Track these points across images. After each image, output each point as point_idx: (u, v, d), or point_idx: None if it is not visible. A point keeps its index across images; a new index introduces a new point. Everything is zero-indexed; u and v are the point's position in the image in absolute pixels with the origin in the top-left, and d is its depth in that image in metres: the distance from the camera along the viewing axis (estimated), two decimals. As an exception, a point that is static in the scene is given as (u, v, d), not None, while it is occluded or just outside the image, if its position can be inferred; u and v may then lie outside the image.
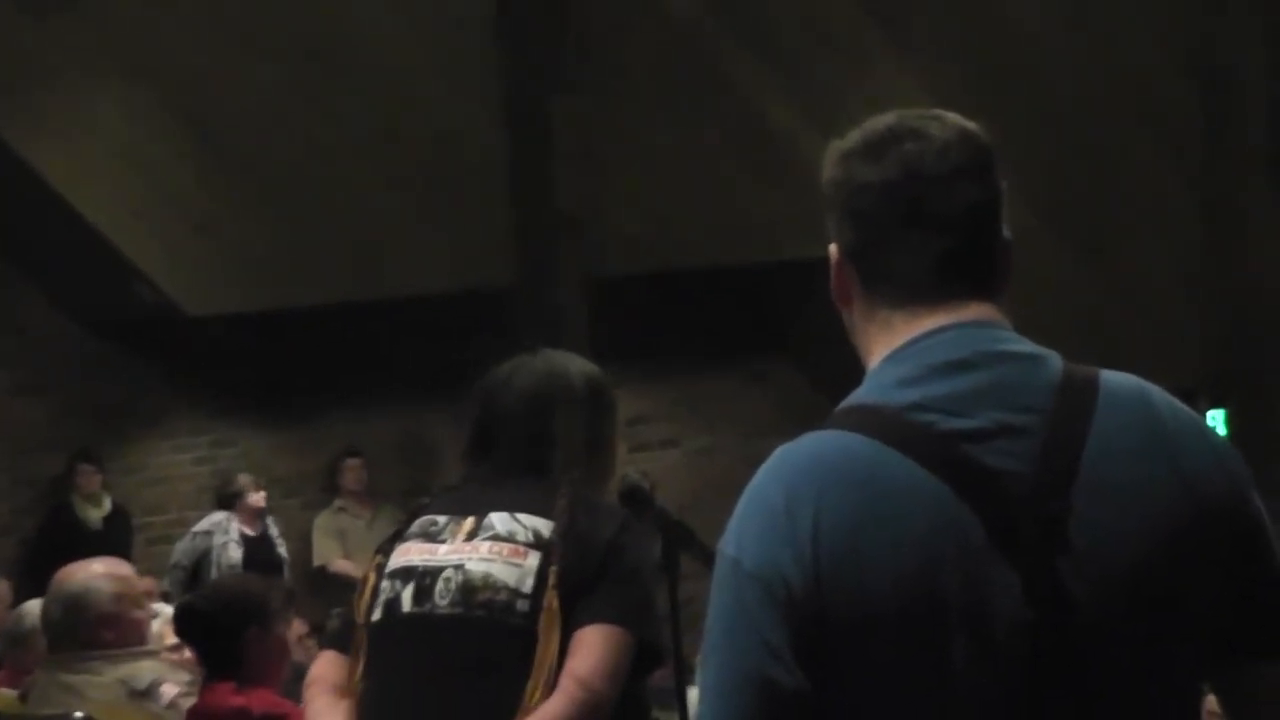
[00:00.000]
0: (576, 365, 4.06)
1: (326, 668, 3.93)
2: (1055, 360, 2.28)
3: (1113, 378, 2.29)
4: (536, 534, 3.78)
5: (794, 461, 2.24)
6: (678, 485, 11.01)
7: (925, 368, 2.25)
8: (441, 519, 3.89)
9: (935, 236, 2.29)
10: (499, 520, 3.82)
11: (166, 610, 6.78)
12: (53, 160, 11.74)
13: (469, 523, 3.84)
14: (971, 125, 2.35)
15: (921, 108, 2.38)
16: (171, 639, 6.06)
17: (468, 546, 3.80)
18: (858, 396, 2.29)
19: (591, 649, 3.68)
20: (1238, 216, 12.69)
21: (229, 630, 5.02)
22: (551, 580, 3.72)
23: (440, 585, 3.78)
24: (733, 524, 2.25)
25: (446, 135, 12.07)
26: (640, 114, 12.08)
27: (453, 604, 3.75)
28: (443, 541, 3.84)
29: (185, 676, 5.48)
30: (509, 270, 11.95)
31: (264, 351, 12.86)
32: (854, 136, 2.35)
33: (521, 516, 3.81)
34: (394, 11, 11.82)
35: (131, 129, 11.87)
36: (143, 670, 5.44)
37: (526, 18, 11.87)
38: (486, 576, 3.75)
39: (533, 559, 3.75)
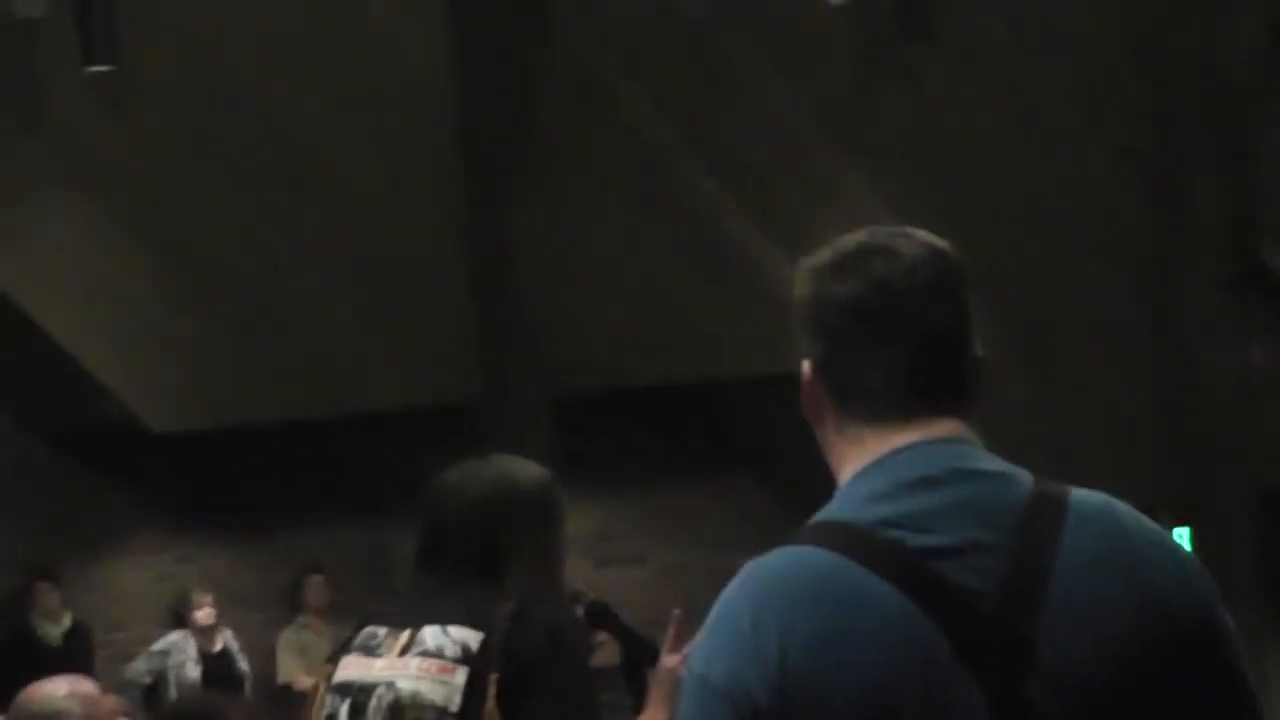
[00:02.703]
0: (526, 472, 4.02)
1: None
2: (1025, 478, 2.29)
3: (1082, 495, 2.29)
4: (465, 648, 3.74)
5: (761, 578, 2.24)
6: (644, 601, 10.97)
7: (895, 484, 2.26)
8: (381, 631, 3.86)
9: (905, 353, 2.31)
10: (430, 634, 3.79)
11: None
12: (14, 277, 11.75)
13: (404, 636, 3.81)
14: (941, 243, 2.38)
15: (882, 223, 2.41)
16: (134, 759, 5.99)
17: (399, 663, 3.78)
18: (828, 512, 2.29)
19: None
20: (1193, 329, 12.74)
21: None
22: (492, 690, 3.69)
23: (373, 703, 3.77)
24: (700, 640, 2.26)
25: (408, 251, 12.12)
26: (602, 230, 12.14)
27: None
28: (379, 656, 3.82)
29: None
30: (472, 385, 11.95)
31: (227, 467, 12.83)
32: (824, 253, 2.37)
33: (452, 630, 3.77)
34: (354, 128, 11.89)
35: (93, 246, 11.89)
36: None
37: (487, 134, 11.94)
38: (415, 695, 3.73)
39: (460, 675, 3.72)
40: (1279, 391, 12.59)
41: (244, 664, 12.54)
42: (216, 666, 12.27)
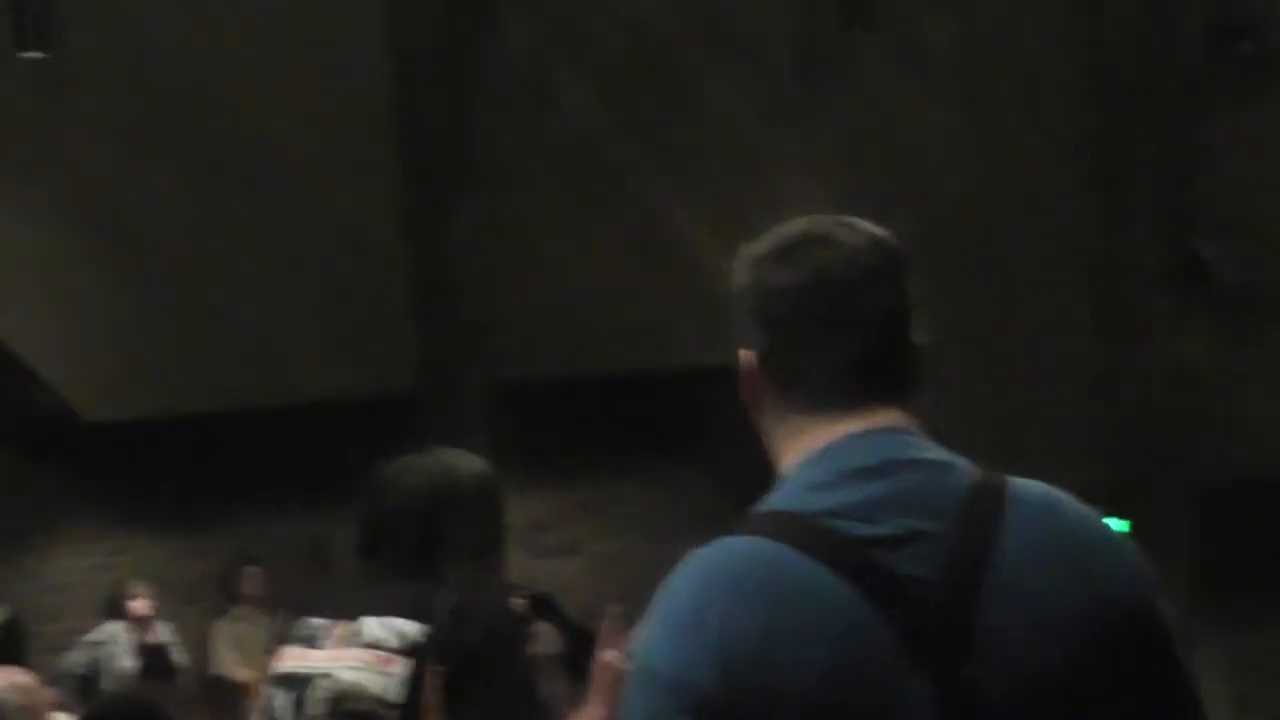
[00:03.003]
0: (465, 463, 4.02)
1: None
2: (965, 467, 2.30)
3: (1022, 485, 2.30)
4: (405, 639, 3.75)
5: (705, 568, 2.23)
6: (580, 591, 10.98)
7: (837, 473, 2.26)
8: (320, 622, 3.87)
9: (846, 342, 2.31)
10: (370, 625, 3.79)
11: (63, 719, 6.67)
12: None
13: (343, 627, 3.82)
14: (882, 232, 2.38)
15: (820, 214, 2.40)
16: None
17: (339, 653, 3.79)
18: (771, 502, 2.29)
19: None
20: (1132, 322, 12.82)
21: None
22: (434, 682, 3.70)
23: (311, 694, 3.77)
24: (644, 631, 2.25)
25: (348, 241, 12.08)
26: (541, 219, 12.13)
27: (324, 714, 3.75)
28: (318, 647, 3.82)
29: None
30: (411, 375, 11.93)
31: (163, 457, 12.77)
32: (765, 242, 2.37)
33: (393, 621, 3.77)
34: (297, 119, 11.84)
35: (29, 231, 11.81)
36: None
37: (432, 123, 11.91)
38: (355, 685, 3.74)
39: (400, 666, 3.72)
40: (1216, 384, 12.67)
41: (180, 655, 12.48)
42: (152, 658, 12.21)
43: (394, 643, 3.75)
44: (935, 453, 2.30)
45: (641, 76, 12.25)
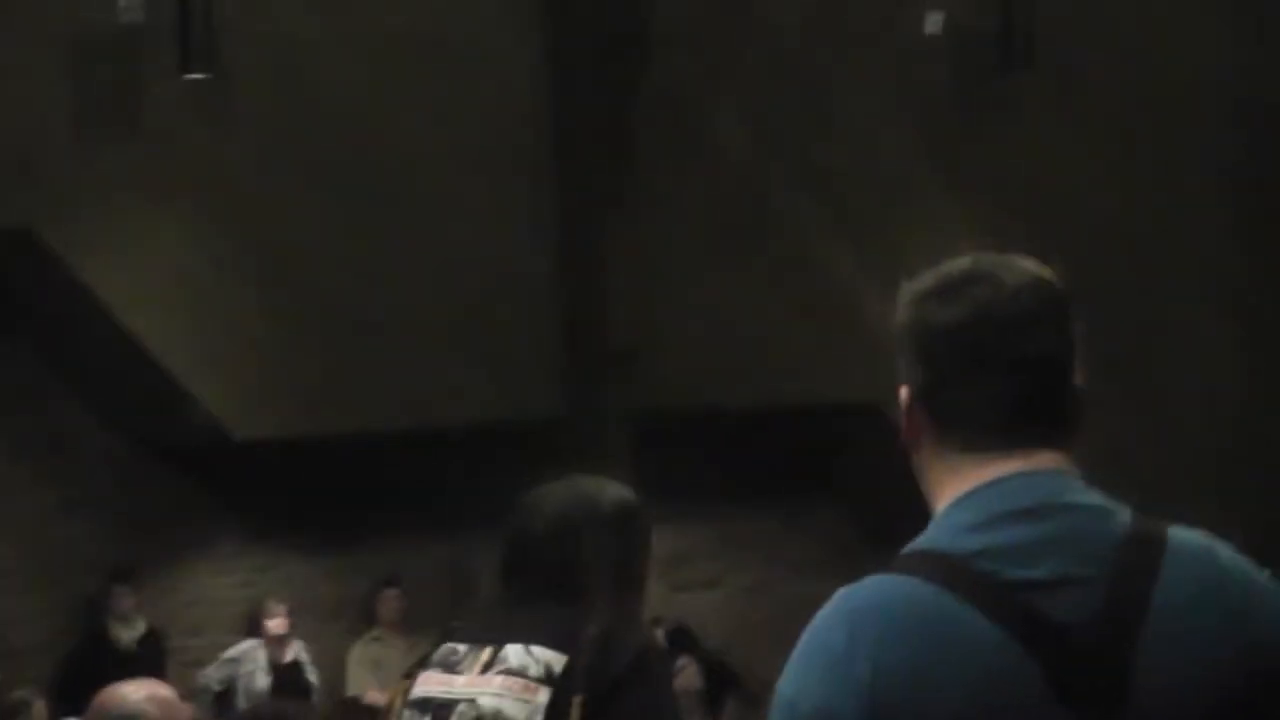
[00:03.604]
0: (607, 491, 4.00)
1: None
2: (1124, 513, 2.27)
3: (1181, 534, 2.27)
4: (548, 668, 3.74)
5: (855, 604, 2.22)
6: (718, 625, 10.95)
7: (992, 515, 2.24)
8: (462, 648, 3.86)
9: (1006, 382, 2.29)
10: (513, 653, 3.78)
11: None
12: (107, 280, 11.84)
13: (486, 653, 3.81)
14: (1046, 271, 2.36)
15: (981, 252, 2.38)
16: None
17: (482, 680, 3.78)
18: (923, 541, 2.27)
19: None
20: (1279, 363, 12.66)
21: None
22: (576, 713, 3.67)
23: (453, 719, 3.76)
24: (791, 664, 2.24)
25: (499, 269, 12.15)
26: (693, 253, 12.14)
27: None
28: (460, 672, 3.82)
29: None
30: (556, 403, 11.96)
31: (309, 477, 12.87)
32: (928, 278, 2.36)
33: (535, 649, 3.77)
34: (448, 142, 11.93)
35: (187, 252, 11.97)
36: (180, 795, 5.35)
37: (582, 152, 11.96)
38: (496, 712, 3.73)
39: (543, 695, 3.71)
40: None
41: (313, 675, 12.57)
42: (286, 677, 12.31)
43: (536, 670, 3.74)
44: (1093, 497, 2.28)
45: (796, 111, 12.24)
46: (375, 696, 12.66)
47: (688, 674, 9.82)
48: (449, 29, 11.93)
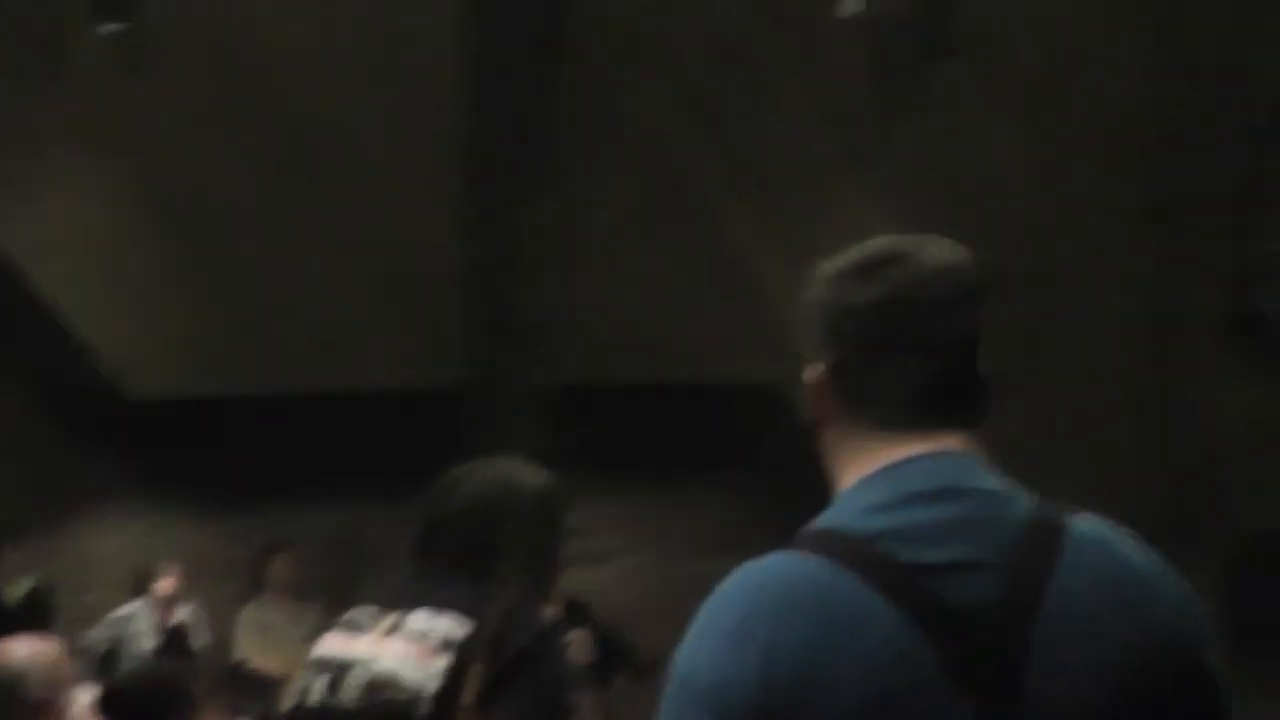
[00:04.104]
0: (529, 477, 4.06)
1: None
2: (1026, 500, 2.27)
3: (1082, 522, 2.27)
4: (449, 636, 3.79)
5: (752, 582, 2.21)
6: (612, 601, 10.95)
7: (895, 496, 2.23)
8: (368, 611, 3.91)
9: (919, 363, 2.29)
10: (418, 619, 3.83)
11: (84, 694, 6.66)
12: (12, 230, 11.70)
13: (391, 619, 3.86)
14: (963, 254, 2.35)
15: (900, 235, 2.37)
16: (88, 721, 5.92)
17: (383, 643, 3.83)
18: (825, 519, 2.26)
19: None
20: (1183, 369, 12.77)
21: (153, 716, 4.95)
22: (473, 682, 3.72)
23: (349, 679, 3.81)
24: (688, 638, 2.23)
25: (409, 236, 12.08)
26: (606, 226, 12.12)
27: (357, 699, 3.79)
28: (363, 634, 3.88)
29: (103, 762, 5.35)
30: (461, 374, 11.92)
31: (206, 438, 12.79)
32: (845, 258, 2.35)
33: (439, 618, 3.82)
34: (368, 110, 11.85)
35: (93, 205, 11.85)
36: (62, 755, 5.32)
37: (499, 122, 11.91)
38: (392, 675, 3.77)
39: (440, 661, 3.76)
40: (1270, 437, 12.61)
41: (201, 638, 12.48)
42: (172, 639, 12.22)
43: (438, 638, 3.79)
44: (996, 482, 2.27)
45: (717, 89, 12.23)
46: (262, 662, 12.59)
47: (579, 646, 9.88)
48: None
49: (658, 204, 12.13)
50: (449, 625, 3.79)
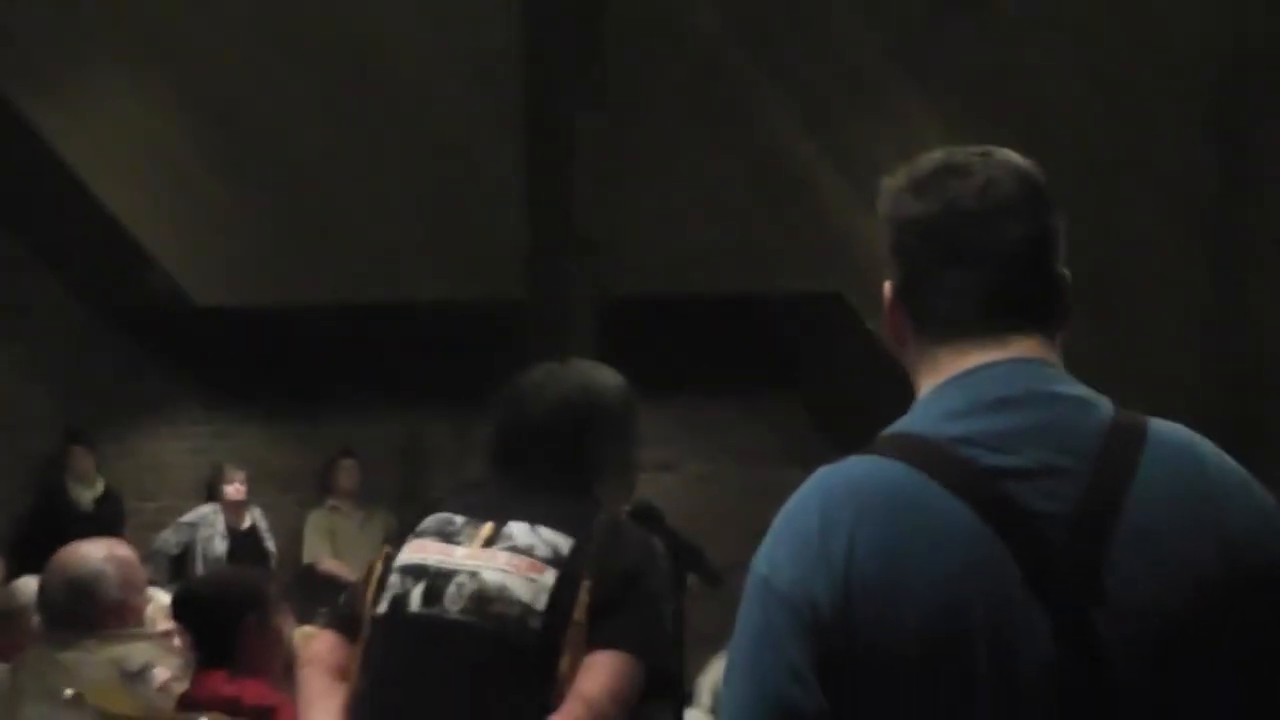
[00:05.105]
0: (609, 379, 3.97)
1: (325, 649, 3.88)
2: (1105, 405, 2.27)
3: (1163, 427, 2.27)
4: (555, 550, 3.70)
5: (833, 484, 2.23)
6: (672, 510, 10.99)
7: (972, 402, 2.24)
8: (459, 519, 3.81)
9: (978, 273, 2.29)
10: (519, 531, 3.74)
11: (160, 595, 6.74)
12: (73, 143, 11.76)
13: (487, 528, 3.76)
14: (1023, 162, 2.35)
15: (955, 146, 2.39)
16: (164, 624, 6.00)
17: (485, 553, 3.72)
18: (902, 424, 2.28)
19: (602, 672, 3.62)
20: (1247, 282, 12.70)
21: (226, 618, 4.98)
22: (584, 598, 3.66)
23: (452, 589, 3.71)
24: (766, 542, 2.24)
25: (468, 146, 12.10)
26: (663, 139, 12.10)
27: (464, 610, 3.69)
28: (459, 544, 3.76)
29: (177, 661, 5.42)
30: (519, 284, 11.95)
31: (269, 347, 12.86)
32: (902, 173, 2.36)
33: (542, 530, 3.73)
34: (424, 21, 11.84)
35: (154, 118, 11.90)
36: (136, 652, 5.36)
37: (556, 36, 11.89)
38: (502, 588, 3.68)
39: (549, 576, 3.68)
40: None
41: (270, 543, 12.62)
42: (243, 542, 12.35)
43: (544, 551, 3.70)
44: (1075, 388, 2.28)
45: (769, 6, 12.18)
46: (330, 565, 12.71)
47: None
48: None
49: (711, 119, 12.10)
50: (553, 538, 3.70)
